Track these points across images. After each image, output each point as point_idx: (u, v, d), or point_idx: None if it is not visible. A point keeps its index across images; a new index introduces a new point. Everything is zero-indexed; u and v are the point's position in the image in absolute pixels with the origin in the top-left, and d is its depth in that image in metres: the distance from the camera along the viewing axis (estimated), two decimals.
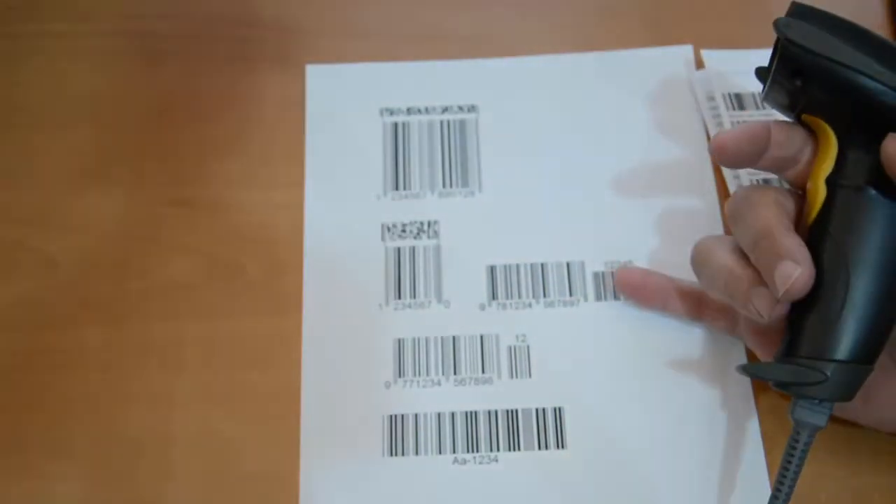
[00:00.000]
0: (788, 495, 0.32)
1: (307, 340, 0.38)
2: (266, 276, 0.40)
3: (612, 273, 0.40)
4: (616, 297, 0.39)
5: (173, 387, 0.38)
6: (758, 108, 0.43)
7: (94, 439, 0.37)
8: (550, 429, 0.37)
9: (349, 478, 0.36)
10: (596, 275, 0.40)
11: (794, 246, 0.32)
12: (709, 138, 0.43)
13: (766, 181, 0.41)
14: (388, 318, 0.39)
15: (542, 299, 0.39)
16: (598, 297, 0.39)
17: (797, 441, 0.32)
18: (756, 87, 0.35)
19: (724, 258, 0.34)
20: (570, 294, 0.39)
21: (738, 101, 0.43)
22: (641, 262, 0.40)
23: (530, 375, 0.38)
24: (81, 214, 0.41)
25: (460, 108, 0.44)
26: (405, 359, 0.38)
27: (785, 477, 0.32)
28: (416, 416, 0.37)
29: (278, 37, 0.45)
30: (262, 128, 0.43)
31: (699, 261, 0.36)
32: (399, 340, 0.38)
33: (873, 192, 0.32)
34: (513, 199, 0.42)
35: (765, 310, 0.32)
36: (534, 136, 0.43)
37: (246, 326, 0.39)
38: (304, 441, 0.36)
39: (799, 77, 0.33)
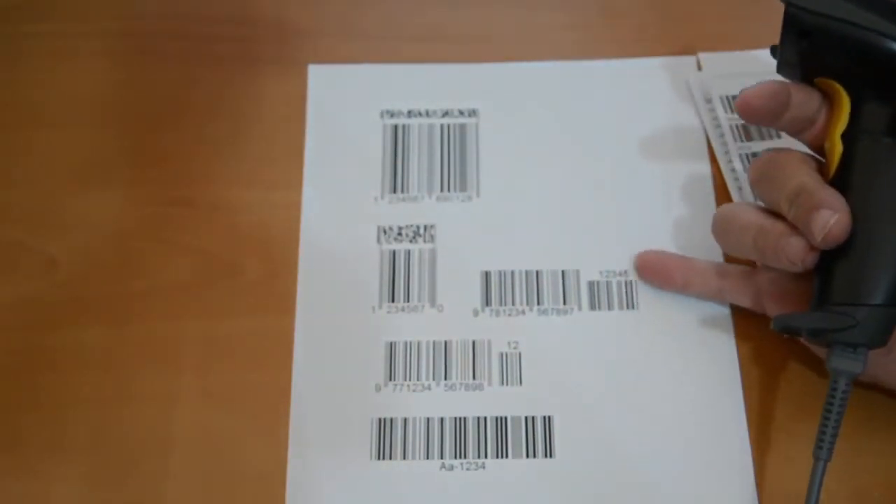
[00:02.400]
0: (831, 446, 0.34)
1: (299, 341, 0.40)
2: (265, 277, 0.42)
3: (607, 283, 0.41)
4: (609, 307, 0.41)
5: (172, 386, 0.39)
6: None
7: (93, 439, 0.38)
8: (539, 437, 0.38)
9: (336, 480, 0.38)
10: (591, 284, 0.41)
11: (830, 195, 0.34)
12: (709, 147, 0.44)
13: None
14: (380, 321, 0.41)
15: (535, 307, 0.41)
16: (592, 307, 0.41)
17: (835, 390, 0.34)
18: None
19: (752, 216, 0.37)
20: (564, 302, 0.41)
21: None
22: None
23: (521, 383, 0.39)
24: (81, 214, 0.43)
25: (461, 112, 0.45)
26: (396, 362, 0.40)
27: (826, 427, 0.34)
28: (405, 420, 0.39)
29: (279, 37, 0.47)
30: (262, 128, 0.45)
31: (723, 223, 0.38)
32: (391, 344, 0.40)
33: (891, 140, 0.34)
34: (510, 206, 0.43)
35: (798, 256, 0.34)
36: (533, 142, 0.44)
37: (245, 326, 0.40)
38: (292, 442, 0.38)
39: (805, 39, 0.35)
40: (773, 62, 0.37)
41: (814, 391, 0.39)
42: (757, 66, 0.45)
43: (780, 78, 0.37)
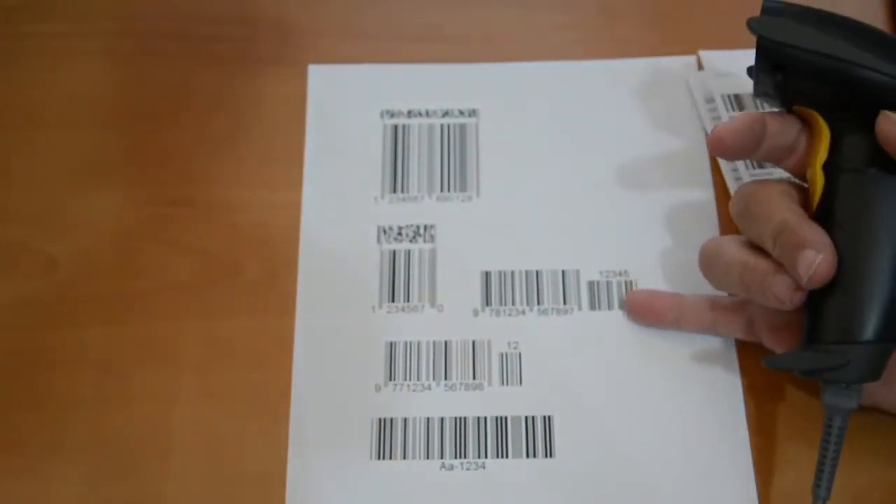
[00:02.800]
0: (830, 482, 0.34)
1: (299, 341, 0.40)
2: (265, 277, 0.42)
3: (608, 282, 0.41)
4: (609, 307, 0.41)
5: (172, 386, 0.39)
6: (757, 108, 0.44)
7: (92, 439, 0.38)
8: (539, 437, 0.38)
9: (336, 480, 0.38)
10: (591, 284, 0.41)
11: (814, 233, 0.34)
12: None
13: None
14: (380, 321, 0.41)
15: (535, 307, 0.41)
16: (592, 307, 0.41)
17: (831, 427, 0.34)
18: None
19: (736, 253, 0.36)
20: (564, 302, 0.41)
21: (738, 101, 0.44)
22: (638, 273, 0.42)
23: (521, 383, 0.39)
24: (81, 214, 0.43)
25: (461, 112, 0.45)
26: (396, 362, 0.40)
27: (824, 465, 0.34)
28: (405, 420, 0.39)
29: (279, 37, 0.47)
30: (262, 128, 0.45)
31: (709, 259, 0.38)
32: (391, 343, 0.40)
33: (876, 171, 0.34)
34: (510, 205, 0.43)
35: (786, 296, 0.34)
36: (533, 142, 0.45)
37: (245, 326, 0.41)
38: (292, 442, 0.38)
39: (779, 71, 0.35)
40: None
41: (814, 391, 0.39)
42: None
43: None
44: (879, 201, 0.34)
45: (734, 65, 0.45)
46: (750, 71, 0.36)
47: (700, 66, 0.46)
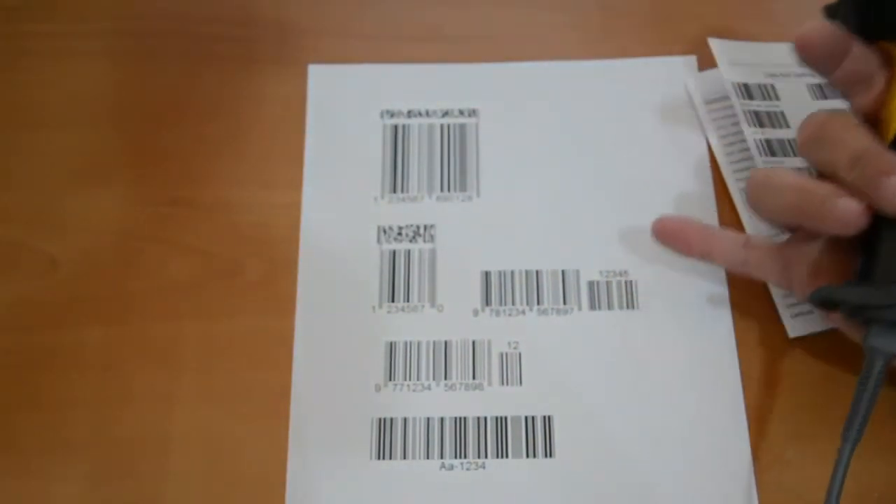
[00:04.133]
0: (861, 428, 0.34)
1: (299, 341, 0.40)
2: (265, 276, 0.42)
3: (608, 282, 0.41)
4: (609, 307, 0.41)
5: (172, 386, 0.40)
6: (765, 98, 0.44)
7: (92, 439, 0.39)
8: (539, 437, 0.39)
9: (336, 480, 0.38)
10: (591, 283, 0.41)
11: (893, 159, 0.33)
12: (709, 147, 0.44)
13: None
14: (380, 321, 0.41)
15: (535, 307, 0.41)
16: (593, 307, 0.41)
17: (871, 370, 0.33)
18: (761, 78, 0.36)
19: (791, 178, 0.36)
20: (564, 302, 0.41)
21: (747, 91, 0.44)
22: (638, 272, 0.42)
23: (521, 383, 0.40)
24: (81, 214, 0.43)
25: (461, 112, 0.45)
26: (396, 362, 0.40)
27: (857, 410, 0.33)
28: (404, 420, 0.39)
29: (278, 37, 0.47)
30: (262, 128, 0.45)
31: (760, 183, 0.37)
32: (391, 343, 0.40)
33: None
34: (510, 205, 0.43)
35: (852, 217, 0.33)
36: (533, 142, 0.45)
37: (245, 326, 0.41)
38: (292, 442, 0.38)
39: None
40: (781, 55, 0.36)
41: (814, 391, 0.39)
42: (765, 58, 0.46)
43: None
44: None
45: (742, 54, 0.45)
46: (828, 9, 0.36)
47: (700, 67, 0.46)
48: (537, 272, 0.42)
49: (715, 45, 0.46)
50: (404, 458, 0.38)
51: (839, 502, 0.34)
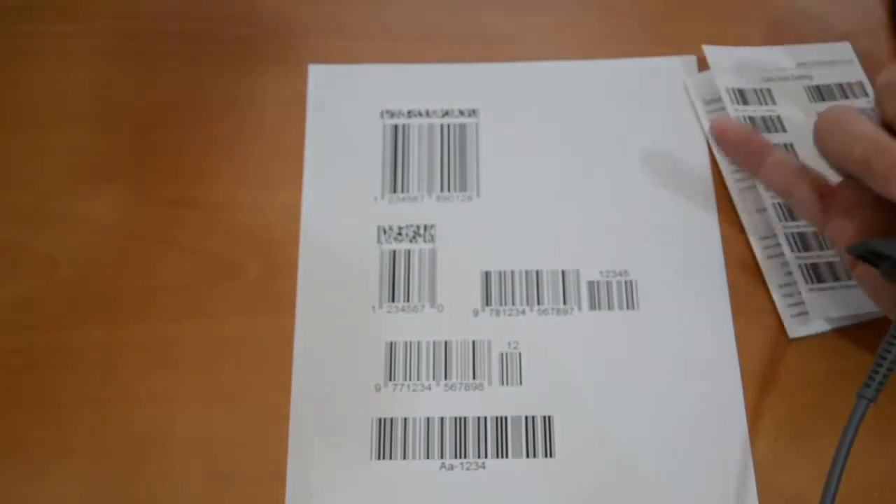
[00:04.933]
0: (880, 386, 0.33)
1: (299, 341, 0.40)
2: (265, 277, 0.42)
3: (608, 282, 0.41)
4: (610, 307, 0.41)
5: (172, 386, 0.40)
6: (760, 103, 0.44)
7: (92, 439, 0.39)
8: (539, 437, 0.39)
9: (336, 480, 0.38)
10: (591, 284, 0.41)
11: None
12: (709, 147, 0.44)
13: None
14: (380, 321, 0.41)
15: (535, 307, 0.41)
16: (593, 307, 0.41)
17: None
18: (757, 83, 0.36)
19: (866, 127, 0.34)
20: (564, 302, 0.41)
21: (742, 96, 0.44)
22: (639, 272, 0.42)
23: (521, 383, 0.40)
24: (81, 214, 0.43)
25: (461, 112, 0.45)
26: (396, 362, 0.40)
27: (880, 367, 0.33)
28: (404, 420, 0.39)
29: (278, 37, 0.47)
30: (262, 128, 0.45)
31: (830, 126, 0.35)
32: (391, 343, 0.40)
33: None
34: (510, 205, 0.43)
35: None
36: (533, 142, 0.45)
37: (245, 326, 0.41)
38: (292, 442, 0.38)
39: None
40: (777, 59, 0.36)
41: (814, 391, 0.39)
42: (761, 62, 0.46)
43: None
44: None
45: (738, 59, 0.46)
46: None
47: (699, 67, 0.46)
48: (537, 272, 0.42)
49: (710, 51, 0.46)
50: (404, 458, 0.38)
51: (844, 469, 0.33)
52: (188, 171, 0.44)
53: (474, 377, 0.40)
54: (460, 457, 0.38)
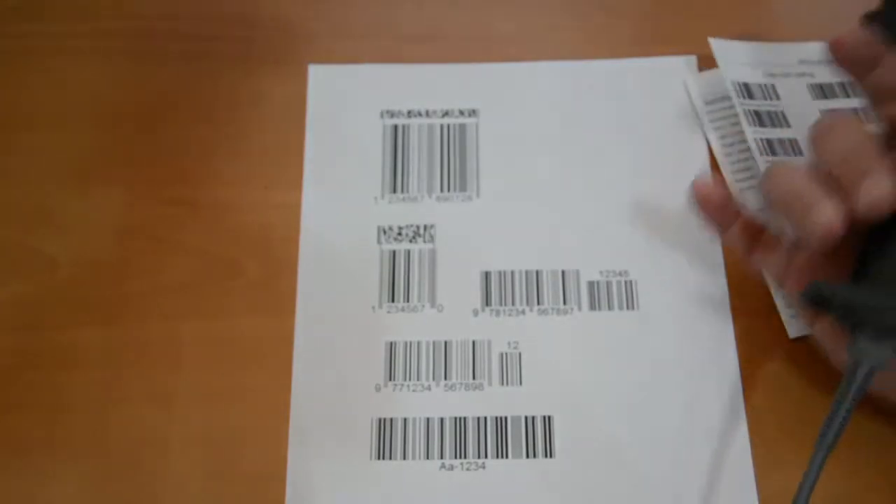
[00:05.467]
0: (837, 436, 0.32)
1: (299, 341, 0.41)
2: (265, 277, 0.42)
3: (608, 282, 0.41)
4: (610, 307, 0.41)
5: (172, 386, 0.40)
6: (765, 98, 0.44)
7: (92, 439, 0.39)
8: (539, 437, 0.39)
9: (336, 480, 0.38)
10: (591, 284, 0.42)
11: (885, 163, 0.32)
12: (709, 147, 0.44)
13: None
14: (380, 321, 0.41)
15: (535, 307, 0.41)
16: (592, 307, 0.41)
17: (854, 377, 0.32)
18: (761, 78, 0.36)
19: (793, 174, 0.35)
20: (564, 302, 0.41)
21: (747, 90, 0.44)
22: (639, 272, 0.42)
23: (521, 383, 0.40)
24: (81, 214, 0.43)
25: (461, 113, 0.46)
26: (396, 362, 0.40)
27: (834, 417, 0.32)
28: (404, 420, 0.39)
29: (279, 37, 0.47)
30: (262, 128, 0.45)
31: (765, 175, 0.36)
32: (391, 343, 0.40)
33: None
34: (510, 206, 0.43)
35: (826, 220, 0.32)
36: (533, 142, 0.45)
37: (245, 326, 0.41)
38: (292, 442, 0.38)
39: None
40: (780, 56, 0.36)
41: (814, 391, 0.39)
42: (765, 58, 0.46)
43: None
44: None
45: (742, 54, 0.46)
46: (868, 17, 0.35)
47: (700, 67, 0.46)
48: (537, 272, 0.42)
49: (715, 44, 0.46)
50: (404, 458, 0.38)
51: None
52: (188, 171, 0.44)
53: (474, 377, 0.40)
54: (460, 457, 0.38)
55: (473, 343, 0.41)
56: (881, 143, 0.34)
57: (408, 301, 0.41)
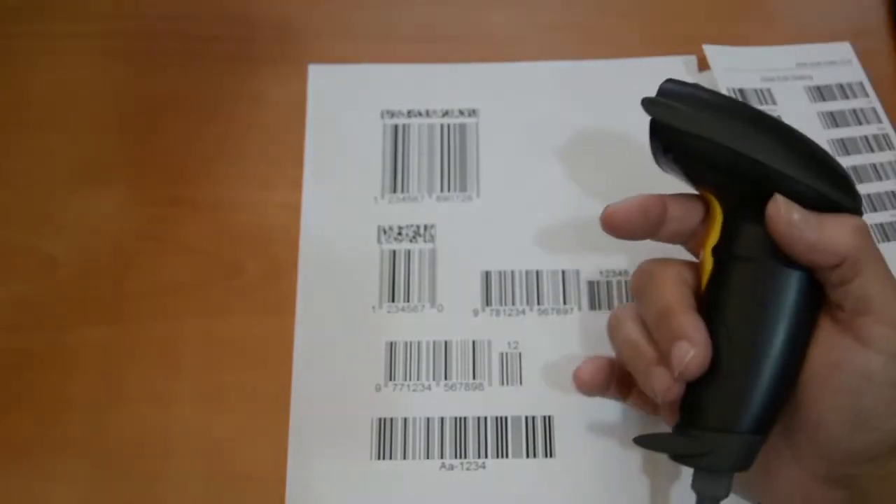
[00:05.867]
0: None
1: (299, 340, 0.41)
2: (265, 277, 0.42)
3: (608, 282, 0.42)
4: (609, 307, 0.41)
5: (171, 386, 0.40)
6: (761, 102, 0.44)
7: (92, 439, 0.39)
8: (539, 437, 0.39)
9: (336, 480, 0.38)
10: (590, 283, 0.42)
11: (692, 325, 0.32)
12: None
13: None
14: (381, 321, 0.41)
15: (535, 306, 0.41)
16: (592, 306, 0.41)
17: None
18: (757, 83, 0.36)
19: (632, 332, 0.35)
20: (564, 302, 0.41)
21: (742, 96, 0.45)
22: None
23: (521, 383, 0.40)
24: (81, 214, 0.43)
25: (461, 112, 0.46)
26: (396, 362, 0.40)
27: None
28: (405, 420, 0.39)
29: (278, 37, 0.47)
30: (262, 128, 0.45)
31: (610, 332, 0.37)
32: (391, 343, 0.41)
33: (767, 261, 0.32)
34: (510, 205, 0.43)
35: (660, 389, 0.33)
36: (533, 142, 0.45)
37: (245, 326, 0.41)
38: (292, 442, 0.39)
39: (669, 152, 0.34)
40: (777, 59, 0.36)
41: None
42: (762, 62, 0.46)
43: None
44: (764, 294, 0.32)
45: (738, 59, 0.46)
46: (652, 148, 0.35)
47: (700, 66, 0.46)
48: (537, 272, 0.42)
49: (710, 51, 0.46)
50: (404, 458, 0.38)
51: None
52: (189, 172, 0.44)
53: (474, 377, 0.40)
54: (460, 457, 0.38)
55: (473, 343, 0.41)
56: (692, 284, 0.34)
57: (408, 301, 0.41)
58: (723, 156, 0.32)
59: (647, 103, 0.34)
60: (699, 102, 0.33)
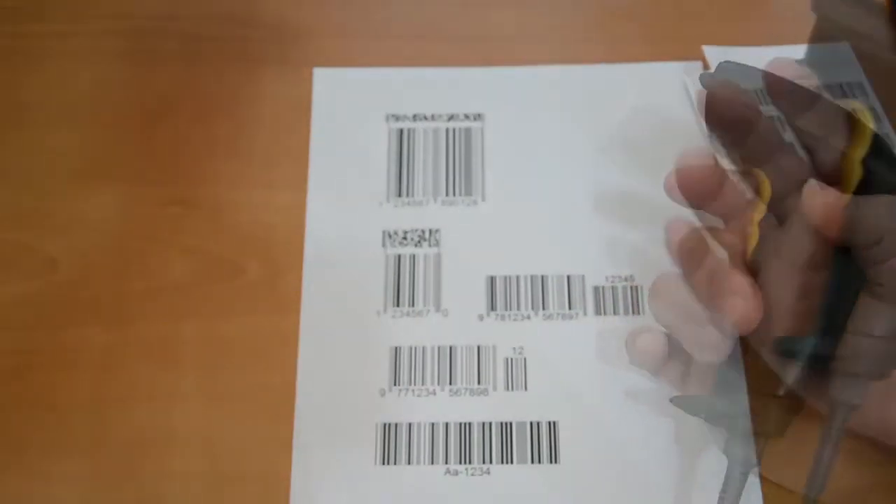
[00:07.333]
0: (824, 480, 0.33)
1: (304, 344, 0.41)
2: (266, 278, 0.42)
3: (613, 287, 0.42)
4: (615, 312, 0.41)
5: (172, 387, 0.40)
6: (761, 103, 0.45)
7: (93, 439, 0.39)
8: (544, 442, 0.39)
9: (340, 485, 0.38)
10: (596, 289, 0.42)
11: (744, 282, 0.33)
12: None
13: None
14: (385, 326, 0.41)
15: (540, 312, 0.41)
16: (598, 312, 0.41)
17: (833, 421, 0.33)
18: (755, 83, 0.37)
19: (680, 295, 0.36)
20: (570, 308, 0.41)
21: None
22: (644, 277, 0.42)
23: (526, 388, 0.40)
24: (81, 214, 0.43)
25: (466, 117, 0.46)
26: (401, 367, 0.40)
27: (820, 462, 0.33)
28: (409, 425, 0.39)
29: (282, 38, 0.48)
30: (265, 129, 0.45)
31: (654, 295, 0.37)
32: (396, 348, 0.41)
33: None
34: (515, 210, 0.44)
35: (711, 347, 0.34)
36: (538, 147, 0.45)
37: (245, 327, 0.41)
38: (296, 447, 0.38)
39: (727, 129, 0.35)
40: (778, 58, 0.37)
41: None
42: (761, 62, 0.46)
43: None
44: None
45: (738, 60, 0.46)
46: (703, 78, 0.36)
47: (704, 66, 0.46)
48: (542, 277, 0.42)
49: (709, 52, 0.46)
50: (409, 463, 0.38)
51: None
52: (191, 173, 0.44)
53: (479, 382, 0.40)
54: (465, 462, 0.38)
55: (478, 348, 0.41)
56: (738, 249, 0.35)
57: (413, 305, 0.41)
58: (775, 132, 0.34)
59: (706, 77, 0.35)
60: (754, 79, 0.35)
